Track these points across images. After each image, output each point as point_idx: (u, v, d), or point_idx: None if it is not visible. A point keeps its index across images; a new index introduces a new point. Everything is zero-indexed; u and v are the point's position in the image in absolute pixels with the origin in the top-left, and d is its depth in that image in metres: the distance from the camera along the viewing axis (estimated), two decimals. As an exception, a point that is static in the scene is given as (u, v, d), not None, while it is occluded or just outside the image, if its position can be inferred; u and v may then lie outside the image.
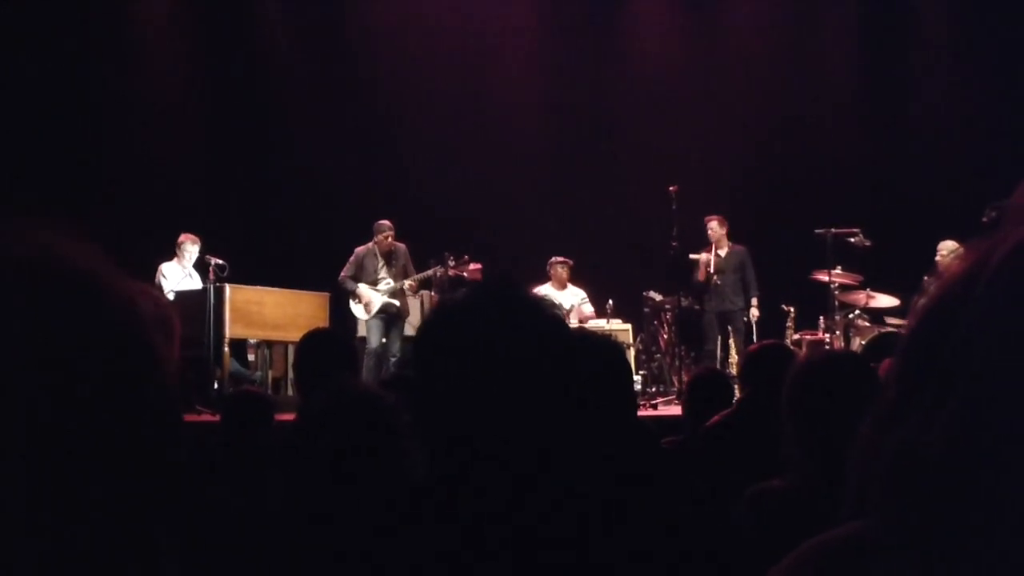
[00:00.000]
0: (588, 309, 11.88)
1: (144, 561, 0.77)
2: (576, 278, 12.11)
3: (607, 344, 2.40)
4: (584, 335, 2.72)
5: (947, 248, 10.08)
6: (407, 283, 11.09)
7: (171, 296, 10.47)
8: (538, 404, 1.69)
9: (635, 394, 2.94)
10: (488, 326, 1.71)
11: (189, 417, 8.80)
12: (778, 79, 14.06)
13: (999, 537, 0.66)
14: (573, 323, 11.43)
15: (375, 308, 11.00)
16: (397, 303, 11.11)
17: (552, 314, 1.80)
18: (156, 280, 10.62)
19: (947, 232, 10.03)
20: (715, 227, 11.69)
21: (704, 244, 11.74)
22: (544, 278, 12.01)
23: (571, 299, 11.86)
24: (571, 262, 12.01)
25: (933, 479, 0.68)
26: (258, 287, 10.89)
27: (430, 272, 11.07)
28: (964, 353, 0.69)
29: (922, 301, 0.76)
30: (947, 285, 0.74)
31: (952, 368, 0.69)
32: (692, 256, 11.57)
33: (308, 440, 2.39)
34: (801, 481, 2.66)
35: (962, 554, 0.68)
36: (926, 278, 8.75)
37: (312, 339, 4.19)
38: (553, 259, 11.98)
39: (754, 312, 11.59)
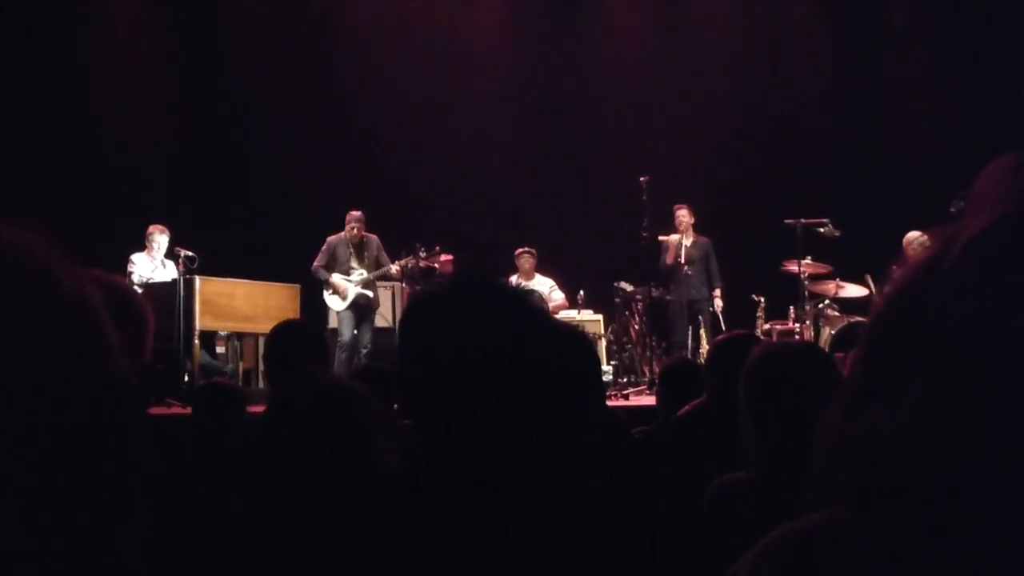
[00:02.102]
0: (558, 296, 11.92)
1: (102, 554, 0.77)
2: (547, 269, 12.13)
3: (575, 335, 2.40)
4: (555, 326, 2.72)
5: (913, 239, 10.14)
6: (394, 268, 11.07)
7: (142, 287, 10.41)
8: (516, 394, 1.70)
9: (604, 385, 2.94)
10: (468, 317, 1.71)
11: (160, 410, 8.76)
12: (748, 70, 14.10)
13: (963, 524, 0.67)
14: (545, 314, 11.44)
15: (349, 298, 10.99)
16: (369, 294, 11.10)
17: (532, 305, 1.80)
18: (127, 270, 10.55)
19: (916, 222, 10.09)
20: (684, 215, 11.74)
21: (671, 230, 11.78)
22: (512, 269, 12.02)
23: (539, 288, 11.88)
24: (535, 251, 12.04)
25: (897, 466, 0.69)
26: (228, 279, 10.84)
27: (404, 261, 11.07)
28: (927, 340, 0.69)
29: (887, 288, 0.77)
30: (911, 273, 0.75)
31: (916, 355, 0.70)
32: (661, 238, 11.59)
33: (278, 431, 2.38)
34: (761, 473, 2.66)
35: (926, 541, 0.68)
36: (893, 268, 8.79)
37: (282, 330, 4.17)
38: (519, 250, 12.02)
39: (718, 303, 11.67)
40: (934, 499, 0.68)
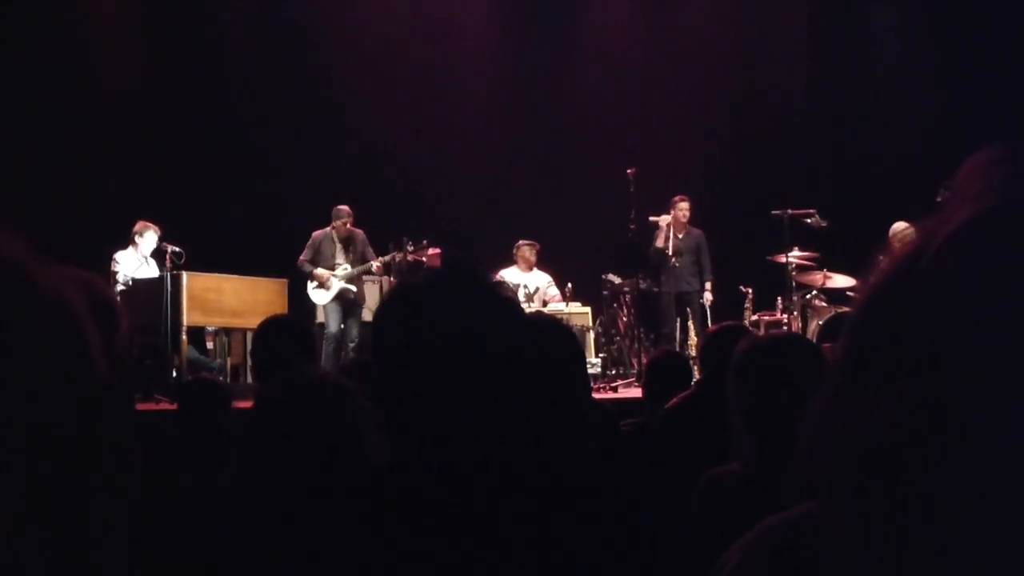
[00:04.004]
0: (553, 292, 11.94)
1: (86, 555, 0.76)
2: (538, 261, 12.13)
3: (558, 327, 2.39)
4: (535, 319, 2.72)
5: (899, 229, 10.15)
6: (375, 265, 11.06)
7: (128, 284, 10.38)
8: (493, 388, 1.69)
9: (588, 377, 2.93)
10: (443, 310, 1.71)
11: (148, 406, 8.74)
12: (734, 62, 14.12)
13: (943, 518, 0.67)
14: (537, 306, 11.47)
15: (333, 291, 10.98)
16: (354, 289, 11.10)
17: (507, 297, 1.80)
18: (111, 268, 10.51)
19: (902, 212, 10.11)
20: (686, 208, 11.69)
21: (661, 212, 11.73)
22: (507, 261, 12.03)
23: (537, 282, 11.92)
24: (538, 245, 12.04)
25: (877, 462, 0.68)
26: (216, 274, 10.81)
27: (390, 257, 11.06)
28: (908, 335, 0.69)
29: (868, 281, 0.77)
30: (892, 267, 0.74)
31: (897, 349, 0.69)
32: (652, 218, 11.55)
33: (264, 427, 2.37)
34: (751, 465, 2.67)
35: (907, 536, 0.68)
36: (880, 258, 8.80)
37: (269, 326, 4.17)
38: (520, 242, 12.01)
39: (708, 296, 11.64)
40: (914, 496, 0.68)
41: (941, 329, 0.67)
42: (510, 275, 11.90)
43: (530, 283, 11.87)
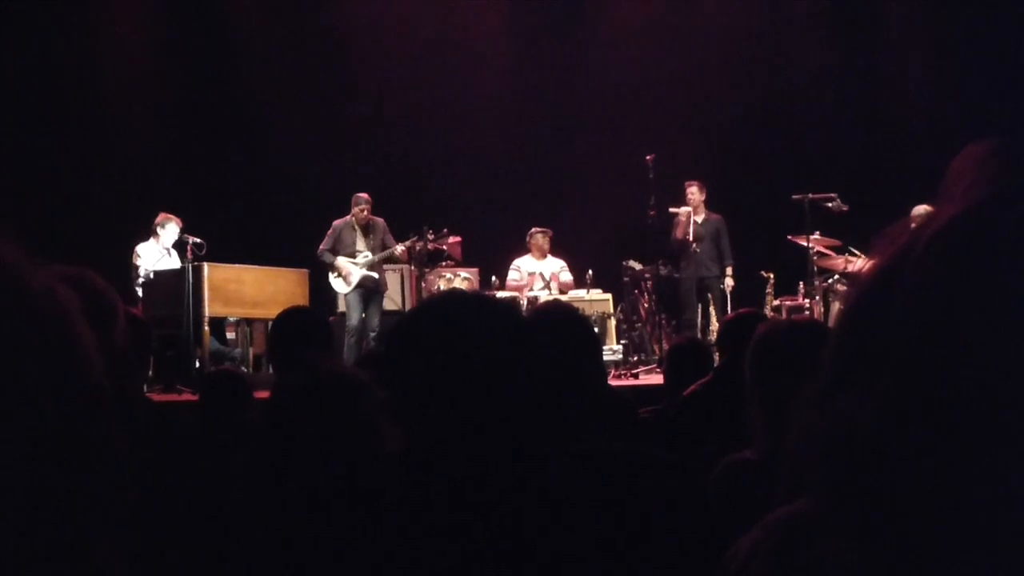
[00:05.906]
0: (567, 277, 11.94)
1: (79, 551, 0.76)
2: (556, 249, 12.13)
3: (572, 319, 2.39)
4: (550, 309, 2.72)
5: (921, 213, 10.09)
6: (399, 249, 11.06)
7: (149, 276, 10.43)
8: (507, 383, 1.70)
9: (603, 366, 2.93)
10: (470, 315, 1.73)
11: (170, 397, 8.79)
12: (754, 46, 14.05)
13: (929, 515, 0.66)
14: (554, 293, 11.47)
15: (355, 281, 10.98)
16: (375, 276, 11.08)
17: (519, 310, 1.82)
18: (133, 262, 10.56)
19: (924, 196, 10.04)
20: (695, 192, 11.71)
21: (681, 203, 11.76)
22: (524, 249, 12.03)
23: (551, 268, 11.92)
24: (551, 232, 12.02)
25: (865, 458, 0.68)
26: (236, 265, 10.85)
27: (410, 243, 11.05)
28: (894, 334, 0.68)
29: (860, 277, 0.76)
30: (880, 264, 0.74)
31: (884, 348, 0.69)
32: (672, 210, 11.58)
33: (279, 418, 2.38)
34: (766, 453, 2.66)
35: (895, 533, 0.68)
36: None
37: (286, 318, 4.16)
38: (533, 229, 12.00)
39: (728, 281, 11.64)
40: (901, 493, 0.67)
41: (923, 328, 0.67)
42: (524, 263, 11.91)
43: (545, 270, 11.89)
